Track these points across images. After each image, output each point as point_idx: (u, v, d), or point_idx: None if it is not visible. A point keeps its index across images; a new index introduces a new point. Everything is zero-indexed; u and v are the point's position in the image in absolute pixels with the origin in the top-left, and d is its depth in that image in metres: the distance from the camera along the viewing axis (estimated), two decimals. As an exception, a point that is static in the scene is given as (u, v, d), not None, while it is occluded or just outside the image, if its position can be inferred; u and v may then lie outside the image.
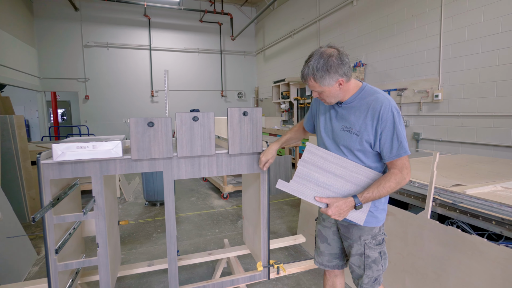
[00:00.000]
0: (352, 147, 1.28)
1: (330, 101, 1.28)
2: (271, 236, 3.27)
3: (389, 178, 1.22)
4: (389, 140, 1.21)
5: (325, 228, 1.52)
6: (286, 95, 7.98)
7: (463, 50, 3.84)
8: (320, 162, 1.30)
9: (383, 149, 1.23)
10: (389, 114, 1.20)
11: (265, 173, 1.78)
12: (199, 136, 1.58)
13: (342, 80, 1.20)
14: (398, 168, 1.22)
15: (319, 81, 1.20)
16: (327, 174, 1.29)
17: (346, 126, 1.29)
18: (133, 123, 1.47)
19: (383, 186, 1.21)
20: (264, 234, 1.85)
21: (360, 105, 1.26)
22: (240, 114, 1.63)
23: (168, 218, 1.63)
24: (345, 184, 1.29)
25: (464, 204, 1.59)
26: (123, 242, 3.14)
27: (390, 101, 1.24)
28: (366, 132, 1.24)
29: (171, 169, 1.60)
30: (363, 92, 1.28)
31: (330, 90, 1.22)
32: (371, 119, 1.23)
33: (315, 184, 1.29)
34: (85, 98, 9.02)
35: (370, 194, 1.22)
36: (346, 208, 1.22)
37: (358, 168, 1.28)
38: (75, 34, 8.76)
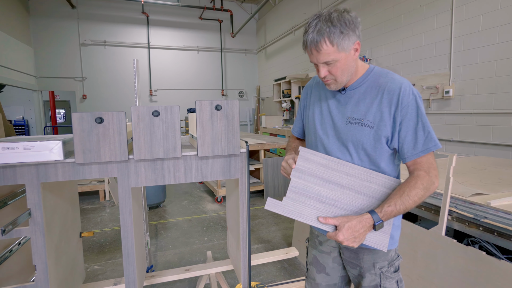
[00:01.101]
0: (365, 143, 0.97)
1: (342, 80, 0.96)
2: (264, 246, 2.98)
3: (414, 184, 0.90)
4: (411, 131, 0.92)
5: (323, 254, 1.18)
6: (287, 94, 7.68)
7: (477, 41, 3.50)
8: (319, 170, 0.98)
9: (403, 144, 0.93)
10: (410, 98, 0.91)
11: (245, 179, 1.49)
12: (160, 134, 1.30)
13: (358, 44, 0.92)
14: (424, 168, 0.92)
15: (337, 41, 0.87)
16: (330, 186, 0.98)
17: (354, 118, 0.98)
18: (76, 118, 1.19)
19: (407, 195, 0.89)
20: (243, 251, 1.56)
21: (370, 89, 0.97)
22: (211, 108, 1.34)
23: (125, 234, 1.34)
24: (355, 196, 0.97)
25: (489, 220, 1.28)
26: (102, 251, 2.88)
27: (409, 83, 0.94)
28: (383, 123, 0.94)
29: (127, 175, 1.32)
30: (373, 73, 1.00)
31: (346, 58, 0.91)
32: (388, 104, 0.93)
33: (317, 200, 0.97)
34: (82, 97, 8.83)
35: (393, 207, 0.89)
36: (363, 229, 0.89)
37: (370, 174, 0.97)
38: (72, 32, 8.58)
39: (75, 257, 1.70)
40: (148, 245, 2.06)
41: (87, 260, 2.69)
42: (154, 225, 3.60)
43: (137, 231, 1.65)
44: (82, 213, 4.01)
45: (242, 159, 1.47)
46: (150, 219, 3.80)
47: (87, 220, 3.75)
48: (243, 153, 1.46)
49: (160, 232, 3.38)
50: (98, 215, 3.95)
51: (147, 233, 2.02)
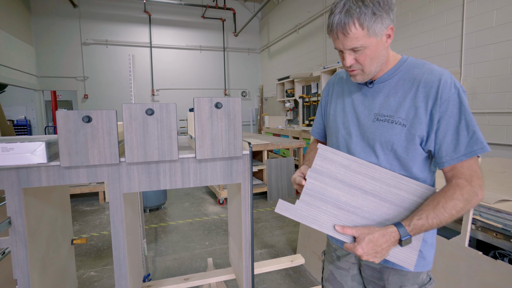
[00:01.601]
0: (395, 144, 0.83)
1: (370, 70, 0.83)
2: (268, 251, 2.85)
3: (452, 194, 0.76)
4: (452, 131, 0.78)
5: (341, 270, 1.04)
6: (291, 93, 7.54)
7: (490, 38, 3.35)
8: (340, 172, 0.85)
9: (441, 145, 0.79)
10: (452, 91, 0.78)
11: (248, 184, 1.36)
12: (155, 135, 1.18)
13: (392, 29, 0.79)
14: (466, 176, 0.77)
15: (368, 24, 0.75)
16: (351, 191, 0.85)
17: (383, 114, 0.85)
18: (60, 117, 1.08)
19: (443, 207, 0.75)
20: (246, 261, 1.43)
21: (403, 81, 0.84)
22: (211, 106, 1.22)
23: (117, 245, 1.23)
24: (380, 204, 0.84)
25: (520, 231, 1.14)
26: (99, 256, 2.77)
27: (451, 74, 0.80)
28: (418, 120, 0.80)
29: (118, 180, 1.20)
30: (407, 64, 0.86)
31: (377, 45, 0.79)
32: (424, 98, 0.80)
33: (334, 205, 0.85)
34: (84, 97, 8.77)
35: (424, 220, 0.76)
36: (386, 243, 0.76)
37: (399, 180, 0.84)
38: (73, 32, 8.52)
39: (66, 266, 1.58)
40: (145, 252, 1.94)
41: (83, 266, 2.58)
42: (154, 228, 3.49)
43: (132, 239, 1.54)
44: (81, 215, 3.91)
45: (244, 162, 1.35)
46: (150, 222, 3.69)
47: (85, 223, 3.65)
48: (246, 155, 1.34)
49: (160, 235, 3.27)
50: (97, 218, 3.84)
51: (144, 239, 1.91)
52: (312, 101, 6.84)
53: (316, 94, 6.70)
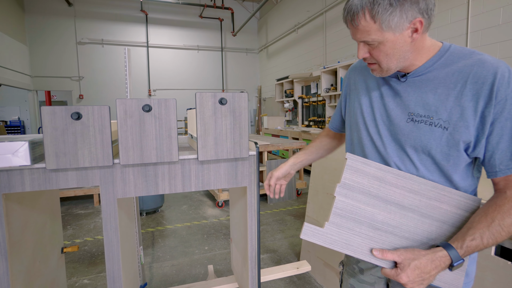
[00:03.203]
0: (433, 150, 0.72)
1: (388, 66, 0.71)
2: (270, 256, 2.74)
3: (508, 209, 0.66)
4: (509, 135, 0.66)
5: (364, 285, 0.93)
6: (290, 94, 7.45)
7: (496, 36, 3.27)
8: (374, 186, 0.73)
9: (494, 152, 0.68)
10: (511, 88, 0.65)
11: (254, 188, 1.25)
12: (153, 134, 1.07)
13: (421, 23, 0.64)
14: None
15: (381, 16, 0.63)
16: (388, 207, 0.74)
17: (420, 114, 0.72)
18: (46, 113, 0.96)
19: (500, 225, 0.65)
20: (252, 271, 1.32)
21: (445, 75, 0.70)
22: (214, 102, 1.11)
23: (110, 255, 1.11)
24: (420, 221, 0.74)
25: (556, 239, 1.04)
26: (93, 263, 2.64)
27: (509, 67, 0.66)
28: (464, 123, 0.68)
29: (112, 184, 1.08)
30: (449, 53, 0.71)
31: (395, 41, 0.66)
32: (474, 97, 0.67)
33: (369, 226, 0.74)
34: (79, 97, 8.60)
35: (478, 240, 0.65)
36: (435, 270, 0.66)
37: (440, 191, 0.73)
38: (68, 31, 8.36)
39: (55, 277, 1.46)
40: (142, 260, 1.82)
41: (76, 273, 2.45)
42: (151, 232, 3.36)
43: (128, 247, 1.41)
44: (74, 219, 3.77)
45: (251, 164, 1.24)
46: (147, 225, 3.56)
47: (79, 227, 3.51)
48: (252, 156, 1.23)
49: (157, 240, 3.14)
50: (92, 221, 3.71)
51: (140, 246, 1.79)
52: (312, 102, 6.75)
53: (316, 94, 6.61)
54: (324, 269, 2.24)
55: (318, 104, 6.56)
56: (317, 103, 6.54)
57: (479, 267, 1.22)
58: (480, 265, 1.22)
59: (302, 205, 4.22)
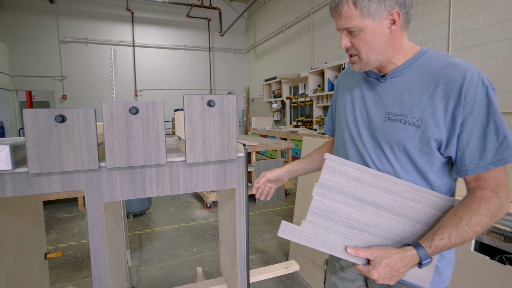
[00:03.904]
0: (408, 146, 0.74)
1: (367, 57, 0.74)
2: (259, 257, 2.75)
3: (477, 209, 0.68)
4: (478, 135, 0.69)
5: (345, 282, 0.96)
6: (278, 94, 7.49)
7: (476, 39, 3.40)
8: (351, 186, 0.75)
9: (464, 152, 0.70)
10: (479, 89, 0.67)
11: (243, 190, 1.26)
12: (140, 136, 1.06)
13: (398, 14, 0.69)
14: (491, 187, 0.69)
15: (361, 3, 0.68)
16: (364, 207, 0.76)
17: (395, 113, 0.76)
18: (28, 116, 0.94)
19: (467, 225, 0.67)
20: (241, 273, 1.32)
21: (420, 76, 0.74)
22: (203, 104, 1.11)
23: (96, 260, 1.09)
24: (395, 220, 0.76)
25: (531, 235, 1.09)
26: (78, 268, 2.58)
27: (479, 70, 0.70)
28: (434, 122, 0.71)
29: (98, 188, 1.06)
30: (426, 56, 0.75)
31: (374, 29, 0.70)
32: (445, 97, 0.70)
33: (345, 225, 0.76)
34: (62, 97, 8.37)
35: (446, 240, 0.68)
36: (404, 268, 0.69)
37: (416, 191, 0.76)
38: (50, 29, 8.12)
39: (38, 284, 1.42)
40: (129, 264, 1.79)
41: (60, 279, 2.39)
42: (138, 235, 3.31)
43: (114, 251, 1.39)
44: (58, 223, 3.67)
45: (239, 166, 1.24)
46: (134, 228, 3.50)
47: (63, 231, 3.42)
48: (241, 158, 1.23)
49: (145, 243, 3.10)
50: (76, 225, 3.62)
51: (127, 250, 1.76)
52: (300, 102, 6.81)
53: (303, 95, 6.67)
54: (312, 268, 2.27)
55: (306, 105, 6.62)
56: (305, 103, 6.60)
57: (459, 263, 1.27)
58: (460, 261, 1.26)
59: (290, 205, 4.25)
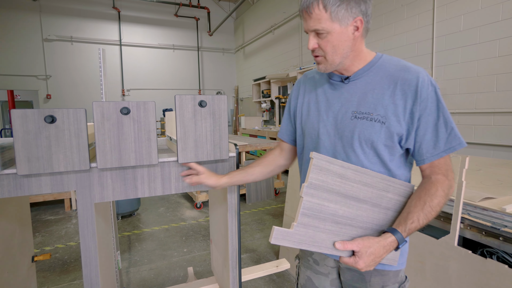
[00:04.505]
0: (375, 141, 0.81)
1: (332, 59, 0.81)
2: (250, 256, 2.76)
3: (435, 192, 0.78)
4: (432, 128, 0.79)
5: (320, 276, 0.99)
6: (267, 94, 7.52)
7: (458, 41, 3.51)
8: (336, 183, 0.76)
9: (421, 143, 0.80)
10: (430, 89, 0.79)
11: (235, 190, 1.27)
12: (131, 136, 1.05)
13: (361, 22, 0.78)
14: (443, 171, 0.81)
15: (331, 8, 0.75)
16: (347, 202, 0.78)
17: (361, 112, 0.83)
18: (17, 116, 0.92)
19: (430, 207, 0.77)
20: (233, 272, 1.34)
21: (380, 78, 0.83)
22: (194, 104, 1.12)
23: (87, 261, 1.08)
24: (371, 210, 0.81)
25: (510, 229, 1.15)
26: (66, 270, 2.53)
27: (426, 72, 0.82)
28: (396, 118, 0.80)
29: (89, 188, 1.05)
30: (382, 60, 0.85)
31: (340, 33, 0.78)
32: (403, 97, 0.80)
33: (332, 221, 0.77)
34: (46, 97, 8.15)
35: (416, 223, 0.77)
36: (386, 253, 0.76)
37: (387, 182, 0.82)
38: (33, 27, 7.89)
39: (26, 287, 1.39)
40: (119, 265, 1.78)
41: (46, 282, 2.34)
42: (127, 236, 3.27)
43: (105, 252, 1.38)
44: (44, 226, 3.58)
45: (231, 165, 1.25)
46: (123, 229, 3.46)
47: (49, 234, 3.34)
48: (232, 158, 1.25)
49: (134, 244, 3.06)
50: (63, 227, 3.54)
51: (117, 251, 1.74)
52: (289, 102, 6.85)
53: (292, 94, 6.72)
54: (302, 266, 2.30)
55: (295, 105, 6.67)
56: (294, 103, 6.64)
57: (443, 257, 1.32)
58: (444, 255, 1.31)
59: (280, 204, 4.28)
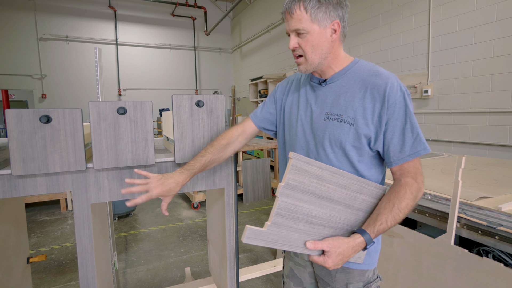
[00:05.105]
0: (344, 141, 0.85)
1: (312, 58, 0.85)
2: (247, 256, 2.76)
3: (404, 194, 0.81)
4: (399, 133, 0.82)
5: (299, 267, 1.05)
6: (264, 94, 7.51)
7: (454, 42, 3.53)
8: (312, 184, 0.77)
9: (389, 146, 0.83)
10: (398, 95, 0.81)
11: (232, 189, 1.27)
12: (128, 137, 1.05)
13: (338, 25, 0.84)
14: (412, 175, 0.83)
15: (311, 10, 0.80)
16: (322, 203, 0.79)
17: (333, 113, 0.87)
18: (11, 116, 0.91)
19: (398, 209, 0.80)
20: (231, 272, 1.33)
21: (353, 82, 0.87)
22: (191, 104, 1.11)
23: (84, 262, 1.07)
24: (344, 211, 0.83)
25: (505, 228, 1.16)
26: (61, 271, 2.51)
27: (397, 78, 0.85)
28: (364, 120, 0.83)
29: (85, 189, 1.05)
30: (358, 65, 0.90)
31: (319, 34, 0.83)
32: (372, 101, 0.83)
33: (306, 221, 0.78)
34: (41, 97, 8.08)
35: (384, 225, 0.79)
36: (353, 253, 0.80)
37: (362, 184, 0.83)
38: (28, 25, 7.81)
39: (21, 289, 1.38)
40: (116, 266, 1.77)
41: (42, 284, 2.32)
42: (124, 236, 3.25)
43: (101, 253, 1.37)
44: (39, 227, 3.55)
45: (228, 165, 1.25)
46: (119, 230, 3.44)
47: (45, 235, 3.31)
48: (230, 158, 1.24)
49: (131, 244, 3.05)
50: (58, 228, 3.51)
51: (114, 252, 1.73)
52: (286, 102, 6.86)
53: (289, 94, 6.73)
54: (300, 266, 2.30)
55: (292, 104, 6.69)
56: (291, 103, 6.66)
57: (440, 256, 1.33)
58: (441, 254, 1.32)
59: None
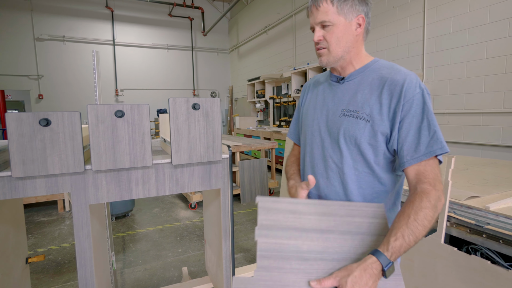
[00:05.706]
0: (359, 138, 0.83)
1: (335, 50, 0.85)
2: (244, 256, 2.79)
3: (420, 203, 0.71)
4: (414, 130, 0.78)
5: None
6: (261, 94, 7.55)
7: (448, 43, 3.58)
8: (289, 220, 0.75)
9: (403, 144, 0.78)
10: (416, 91, 0.79)
11: (228, 190, 1.29)
12: (126, 139, 1.07)
13: (363, 20, 0.86)
14: (429, 181, 0.74)
15: (337, 3, 0.82)
16: (309, 235, 0.75)
17: (350, 109, 0.86)
18: (12, 120, 0.93)
19: (415, 220, 0.70)
20: (227, 271, 1.36)
21: (372, 79, 0.86)
22: (188, 107, 1.14)
23: (82, 263, 1.09)
24: (342, 239, 0.76)
25: (492, 226, 1.19)
26: (59, 272, 2.53)
27: (417, 76, 0.83)
28: (380, 117, 0.81)
29: (84, 190, 1.07)
30: (378, 64, 0.90)
31: (345, 27, 0.84)
32: (389, 97, 0.81)
33: (298, 259, 0.72)
34: (38, 97, 8.06)
35: (401, 240, 0.69)
36: (371, 279, 0.67)
37: (347, 207, 0.79)
38: (24, 26, 7.79)
39: (20, 289, 1.40)
40: (114, 266, 1.79)
41: (40, 284, 2.33)
42: (122, 237, 3.27)
43: (99, 253, 1.40)
44: (36, 227, 3.56)
45: (224, 166, 1.28)
46: (117, 230, 3.45)
47: (42, 235, 3.32)
48: (225, 159, 1.27)
49: (128, 245, 3.07)
50: (56, 229, 3.52)
51: (112, 252, 1.76)
52: (283, 102, 6.89)
53: (286, 95, 6.76)
54: (296, 265, 2.33)
55: (289, 105, 6.72)
56: (288, 103, 6.69)
57: (430, 254, 1.36)
58: (432, 253, 1.36)
59: (274, 204, 4.31)
